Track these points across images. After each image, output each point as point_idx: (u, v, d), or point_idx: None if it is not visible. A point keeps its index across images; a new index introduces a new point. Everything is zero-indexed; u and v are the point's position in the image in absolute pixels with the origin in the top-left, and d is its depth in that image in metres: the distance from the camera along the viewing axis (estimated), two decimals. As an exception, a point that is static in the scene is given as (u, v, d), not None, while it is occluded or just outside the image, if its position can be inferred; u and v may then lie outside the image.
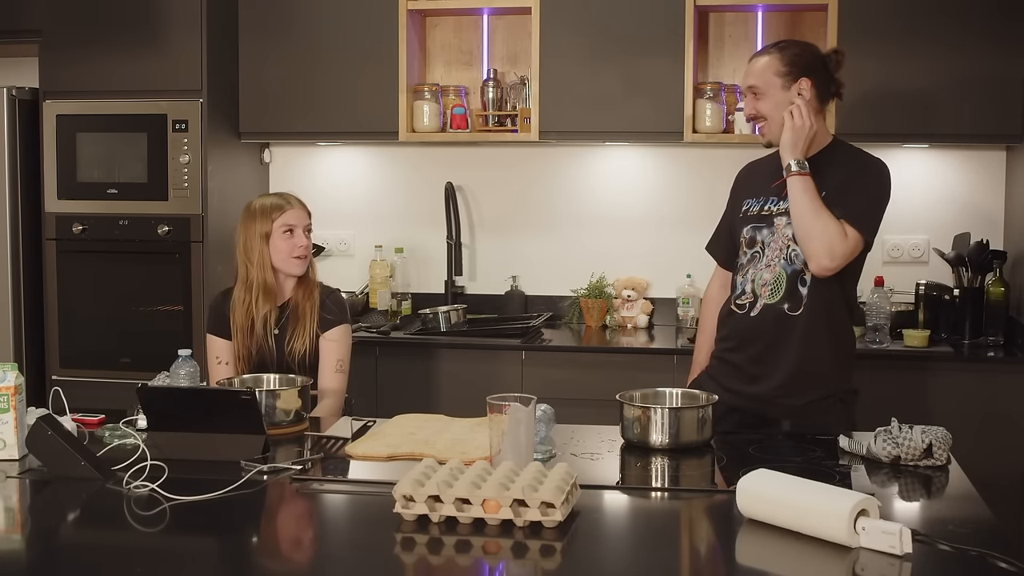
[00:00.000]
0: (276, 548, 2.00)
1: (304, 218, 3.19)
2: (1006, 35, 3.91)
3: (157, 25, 4.15)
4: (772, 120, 2.89)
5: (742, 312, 2.90)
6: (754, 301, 2.88)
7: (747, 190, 3.00)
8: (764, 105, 2.90)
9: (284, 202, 3.18)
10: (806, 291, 2.82)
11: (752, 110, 2.93)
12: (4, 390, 2.41)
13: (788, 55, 2.90)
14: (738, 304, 2.91)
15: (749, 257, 2.92)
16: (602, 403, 2.86)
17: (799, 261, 2.81)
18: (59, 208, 4.25)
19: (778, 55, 2.90)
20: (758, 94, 2.90)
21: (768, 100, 2.89)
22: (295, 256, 3.13)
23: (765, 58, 2.92)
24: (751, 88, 2.92)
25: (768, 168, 2.97)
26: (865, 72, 3.98)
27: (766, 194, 2.92)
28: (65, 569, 1.89)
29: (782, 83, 2.87)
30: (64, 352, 4.27)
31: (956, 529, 1.96)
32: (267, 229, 3.13)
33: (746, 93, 2.96)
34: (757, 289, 2.88)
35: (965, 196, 4.28)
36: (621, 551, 1.95)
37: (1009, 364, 3.79)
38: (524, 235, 4.57)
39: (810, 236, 2.75)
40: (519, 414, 2.20)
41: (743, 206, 2.97)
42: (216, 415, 2.45)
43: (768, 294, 2.85)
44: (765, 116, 2.90)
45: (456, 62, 4.51)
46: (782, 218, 2.85)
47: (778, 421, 2.85)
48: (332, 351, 3.13)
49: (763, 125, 2.92)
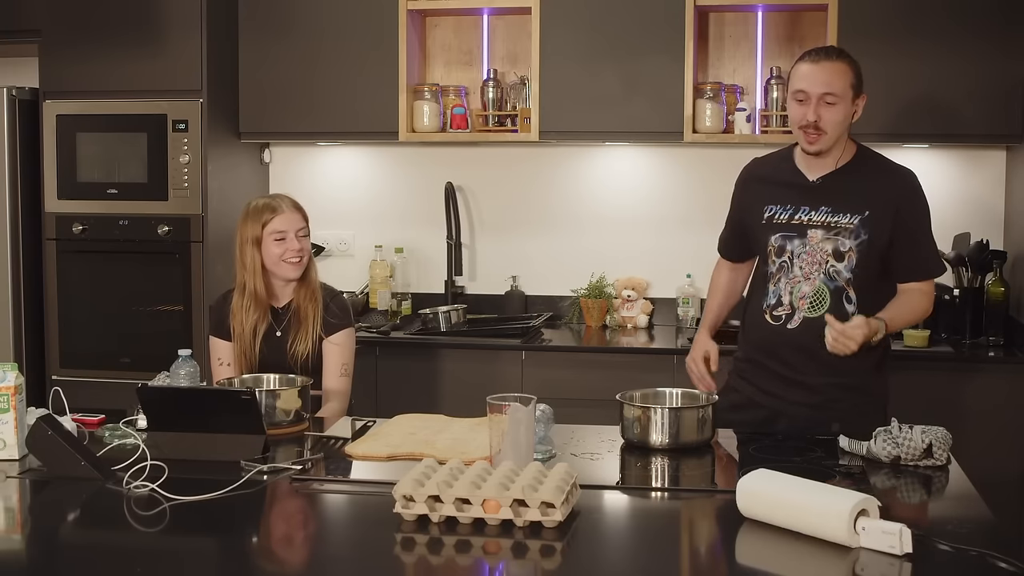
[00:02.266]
0: (276, 548, 2.00)
1: (296, 222, 3.12)
2: (1006, 35, 3.91)
3: (157, 25, 4.15)
4: (832, 132, 2.75)
5: (778, 323, 2.84)
6: (792, 313, 2.83)
7: (766, 194, 2.90)
8: (835, 116, 2.74)
9: (275, 206, 3.12)
10: (852, 308, 2.79)
11: (817, 117, 2.73)
12: (4, 390, 2.41)
13: (857, 67, 2.80)
14: (774, 315, 2.85)
15: (778, 266, 2.85)
16: (602, 403, 2.85)
17: (841, 279, 2.79)
18: (59, 208, 4.25)
19: (851, 65, 2.78)
20: (832, 103, 2.73)
21: (839, 112, 2.74)
22: (286, 260, 3.10)
23: (840, 64, 2.77)
24: (825, 96, 2.73)
25: (786, 173, 2.90)
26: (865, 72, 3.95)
27: (794, 202, 2.84)
28: (65, 569, 1.89)
29: (852, 95, 2.78)
30: (64, 352, 4.27)
31: (956, 529, 1.96)
32: (257, 234, 3.10)
33: (810, 97, 2.75)
34: (795, 301, 2.82)
35: (965, 196, 4.28)
36: (621, 551, 1.95)
37: (1009, 364, 3.79)
38: (524, 235, 4.57)
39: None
40: (519, 414, 2.20)
41: (766, 211, 2.88)
42: (216, 415, 2.45)
43: (808, 307, 2.80)
44: (828, 128, 2.74)
45: (456, 62, 4.51)
46: (817, 231, 2.80)
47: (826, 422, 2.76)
48: (336, 355, 3.13)
49: (820, 136, 2.76)
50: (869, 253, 2.79)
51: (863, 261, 2.79)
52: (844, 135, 2.81)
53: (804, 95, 2.77)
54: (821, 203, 2.82)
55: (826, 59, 2.78)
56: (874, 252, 2.79)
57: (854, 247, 2.79)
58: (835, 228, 2.80)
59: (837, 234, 2.80)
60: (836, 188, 2.83)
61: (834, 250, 2.79)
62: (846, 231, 2.79)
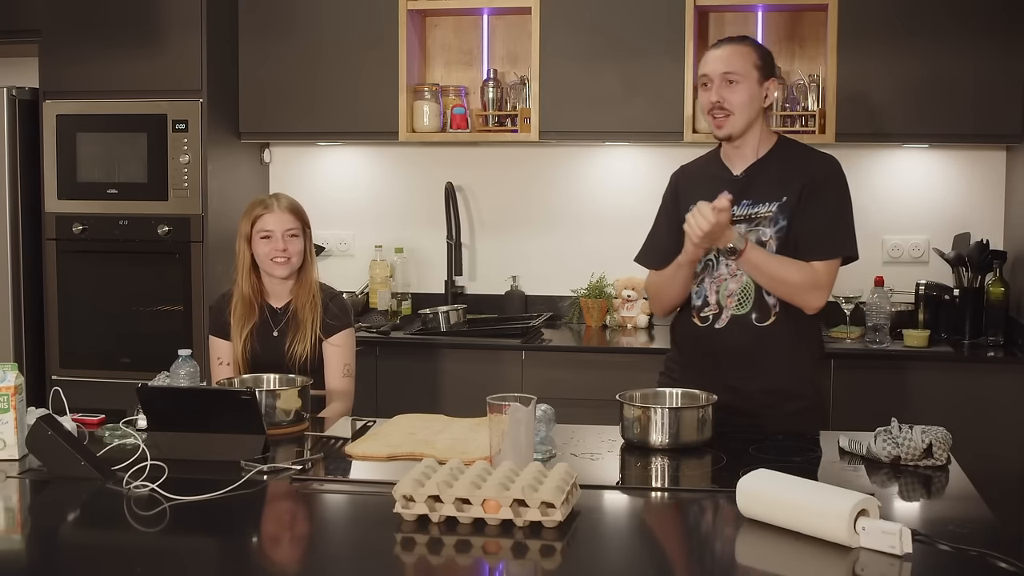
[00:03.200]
0: (276, 548, 2.00)
1: (285, 222, 3.09)
2: (1006, 35, 3.91)
3: (157, 25, 4.15)
4: (739, 113, 2.76)
5: (706, 324, 2.81)
6: (719, 312, 2.80)
7: (693, 194, 2.82)
8: (737, 96, 2.76)
9: (267, 204, 3.12)
10: (774, 301, 2.75)
11: (719, 98, 2.76)
12: (4, 390, 2.41)
13: (763, 50, 2.83)
14: (702, 316, 2.82)
15: (703, 266, 2.82)
16: (602, 403, 2.85)
17: None
18: (59, 208, 4.25)
19: (754, 47, 2.81)
20: (734, 82, 2.75)
21: (743, 91, 2.76)
22: (272, 259, 3.09)
23: (740, 46, 2.80)
24: (726, 75, 2.75)
25: (712, 170, 2.89)
26: (865, 72, 3.98)
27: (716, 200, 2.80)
28: (65, 569, 1.89)
29: (758, 76, 2.78)
30: (64, 352, 4.27)
31: (956, 529, 1.95)
32: (247, 231, 3.11)
33: (713, 81, 2.77)
34: (722, 300, 2.79)
35: (965, 196, 4.28)
36: (621, 551, 1.95)
37: (1009, 364, 3.79)
38: (524, 235, 4.57)
39: (791, 295, 2.72)
40: (519, 414, 2.20)
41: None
42: (216, 415, 2.45)
43: (735, 305, 2.78)
44: (733, 108, 2.76)
45: (456, 62, 4.51)
46: (740, 226, 2.74)
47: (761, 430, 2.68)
48: (338, 356, 3.13)
49: (726, 117, 2.77)
50: (788, 241, 2.74)
51: (783, 250, 2.74)
52: (757, 121, 2.80)
53: (707, 78, 2.80)
54: (743, 197, 2.78)
55: (727, 43, 2.83)
56: (793, 239, 2.75)
57: (773, 235, 2.75)
58: (755, 219, 2.77)
59: (758, 225, 2.77)
60: (757, 179, 2.81)
61: (757, 242, 2.75)
62: (765, 220, 2.76)
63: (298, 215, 3.15)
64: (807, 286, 2.72)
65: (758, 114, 2.81)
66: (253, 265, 3.13)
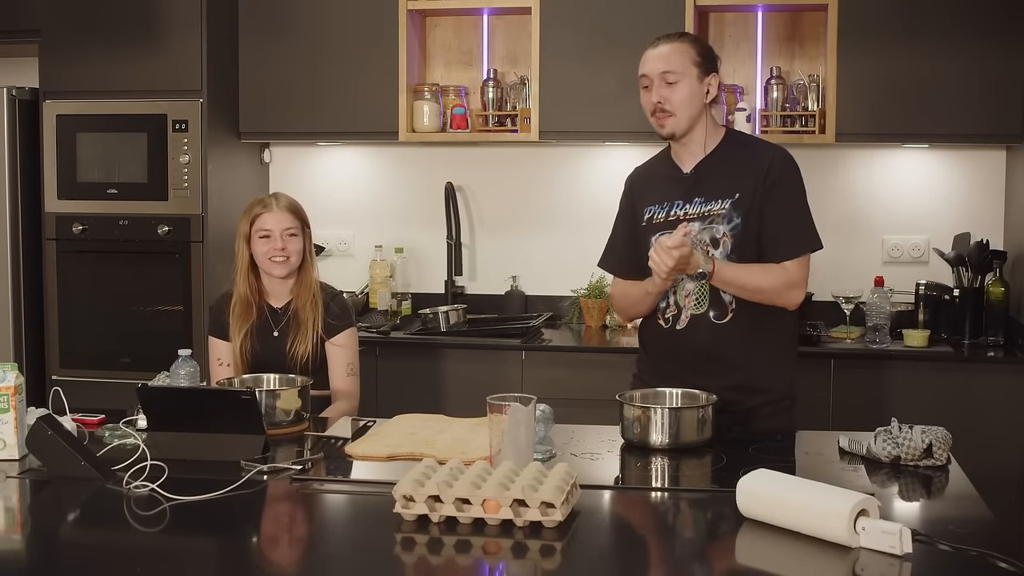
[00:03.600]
0: (276, 548, 2.00)
1: (284, 222, 3.09)
2: (1006, 35, 3.91)
3: (157, 25, 4.15)
4: (680, 112, 2.73)
5: (668, 326, 2.78)
6: (678, 313, 2.77)
7: (646, 196, 2.84)
8: (677, 94, 2.72)
9: (266, 203, 3.12)
10: (730, 298, 2.72)
11: (660, 98, 2.72)
12: (4, 390, 2.41)
13: (701, 46, 2.79)
14: (665, 318, 2.80)
15: None
16: (602, 403, 2.85)
17: None
18: (59, 208, 4.25)
19: (692, 44, 2.77)
20: (673, 81, 2.72)
21: (683, 89, 2.72)
22: (270, 259, 3.09)
23: (678, 44, 2.75)
24: (665, 75, 2.72)
25: (663, 169, 2.87)
26: (865, 72, 3.98)
27: (670, 198, 2.79)
28: (65, 569, 1.89)
29: (698, 73, 2.74)
30: (64, 352, 4.27)
31: (956, 529, 1.95)
32: (246, 230, 3.12)
33: (652, 80, 2.74)
34: (680, 300, 2.77)
35: (965, 196, 4.28)
36: (621, 551, 1.95)
37: (1009, 364, 3.79)
38: (524, 235, 4.57)
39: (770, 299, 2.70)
40: (519, 414, 2.20)
41: (646, 213, 2.83)
42: (216, 415, 2.45)
43: (693, 304, 2.75)
44: (674, 108, 2.72)
45: (456, 62, 4.51)
46: (694, 224, 2.72)
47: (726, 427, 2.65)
48: (341, 356, 3.13)
49: (668, 117, 2.74)
50: (743, 237, 2.71)
51: (738, 247, 2.71)
52: (701, 116, 2.77)
53: (647, 79, 2.76)
54: (695, 195, 2.76)
55: (664, 42, 2.77)
56: (749, 236, 2.71)
57: (727, 232, 2.72)
58: (709, 216, 2.74)
59: (711, 222, 2.73)
60: (707, 175, 2.78)
61: (711, 238, 2.73)
62: (719, 217, 2.73)
63: (297, 214, 3.15)
64: (782, 287, 2.71)
65: (701, 110, 2.77)
66: (252, 265, 3.13)
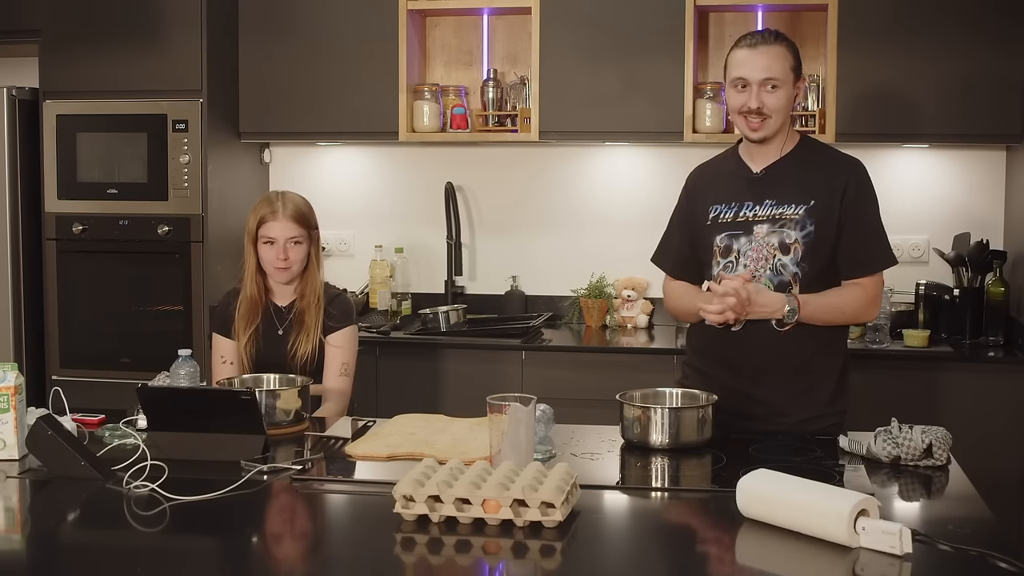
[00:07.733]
0: (276, 548, 2.00)
1: (288, 231, 3.07)
2: (1006, 35, 3.91)
3: (157, 25, 4.16)
4: (776, 117, 2.68)
5: (722, 326, 2.68)
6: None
7: (711, 195, 2.79)
8: (777, 101, 2.67)
9: (274, 210, 3.10)
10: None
11: (760, 104, 2.66)
12: (4, 390, 2.41)
13: (795, 49, 2.73)
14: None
15: (723, 267, 2.74)
16: (602, 403, 2.85)
17: (787, 273, 2.68)
18: (59, 208, 4.25)
19: (790, 48, 2.71)
20: (776, 87, 2.66)
21: (782, 96, 2.67)
22: (274, 266, 3.09)
23: (779, 48, 2.69)
24: (767, 80, 2.66)
25: (731, 167, 2.82)
26: (865, 72, 3.98)
27: (738, 199, 2.74)
28: (65, 569, 1.89)
29: (793, 78, 2.70)
30: (64, 352, 4.27)
31: (956, 529, 1.96)
32: (252, 231, 3.12)
33: (751, 85, 2.67)
34: None
35: (965, 196, 4.28)
36: (621, 551, 1.95)
37: (1009, 364, 3.79)
38: (524, 235, 4.57)
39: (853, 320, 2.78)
40: (519, 414, 2.20)
41: (711, 212, 2.78)
42: (216, 415, 2.45)
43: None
44: (772, 112, 2.67)
45: (456, 62, 4.51)
46: (762, 226, 2.69)
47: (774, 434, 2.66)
48: (336, 356, 3.12)
49: (763, 121, 2.68)
50: (815, 246, 2.68)
51: (809, 255, 2.67)
52: (788, 121, 2.75)
53: (744, 81, 2.69)
54: (765, 197, 2.72)
55: (764, 43, 2.69)
56: (821, 245, 2.68)
57: (800, 239, 2.68)
58: (780, 220, 2.70)
59: (783, 226, 2.69)
60: (780, 179, 2.74)
61: (780, 243, 2.69)
62: (791, 222, 2.69)
63: (302, 222, 3.12)
64: (864, 307, 2.73)
65: (789, 114, 2.75)
66: (259, 265, 3.14)
